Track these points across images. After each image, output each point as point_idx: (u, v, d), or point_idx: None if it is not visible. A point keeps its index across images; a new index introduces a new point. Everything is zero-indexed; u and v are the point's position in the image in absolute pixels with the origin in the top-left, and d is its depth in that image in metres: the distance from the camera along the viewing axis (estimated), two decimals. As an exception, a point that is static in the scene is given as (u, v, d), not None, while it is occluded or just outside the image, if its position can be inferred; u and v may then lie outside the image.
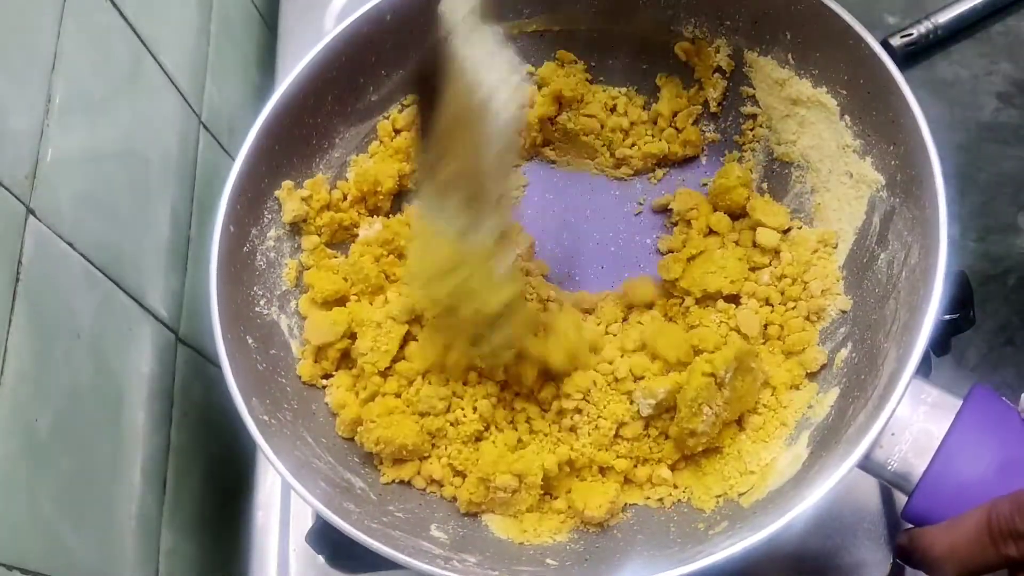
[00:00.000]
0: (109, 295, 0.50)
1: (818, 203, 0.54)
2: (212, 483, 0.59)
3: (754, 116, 0.57)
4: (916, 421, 0.41)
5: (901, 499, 0.53)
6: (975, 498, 0.38)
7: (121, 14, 0.54)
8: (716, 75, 0.57)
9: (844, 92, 0.51)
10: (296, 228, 0.55)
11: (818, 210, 0.54)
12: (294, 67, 0.52)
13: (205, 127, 0.64)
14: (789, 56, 0.53)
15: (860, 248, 0.51)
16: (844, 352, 0.49)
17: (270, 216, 0.53)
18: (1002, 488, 0.37)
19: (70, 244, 0.46)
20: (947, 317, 0.52)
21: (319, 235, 0.55)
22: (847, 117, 0.51)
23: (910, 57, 0.72)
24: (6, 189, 0.41)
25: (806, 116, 0.53)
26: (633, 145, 0.59)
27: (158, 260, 0.56)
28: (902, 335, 0.43)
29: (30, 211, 0.43)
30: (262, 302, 0.52)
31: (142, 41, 0.56)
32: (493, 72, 0.39)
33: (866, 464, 0.41)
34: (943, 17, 0.72)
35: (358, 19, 0.53)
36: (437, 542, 0.47)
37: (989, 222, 0.67)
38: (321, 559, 0.54)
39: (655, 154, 0.58)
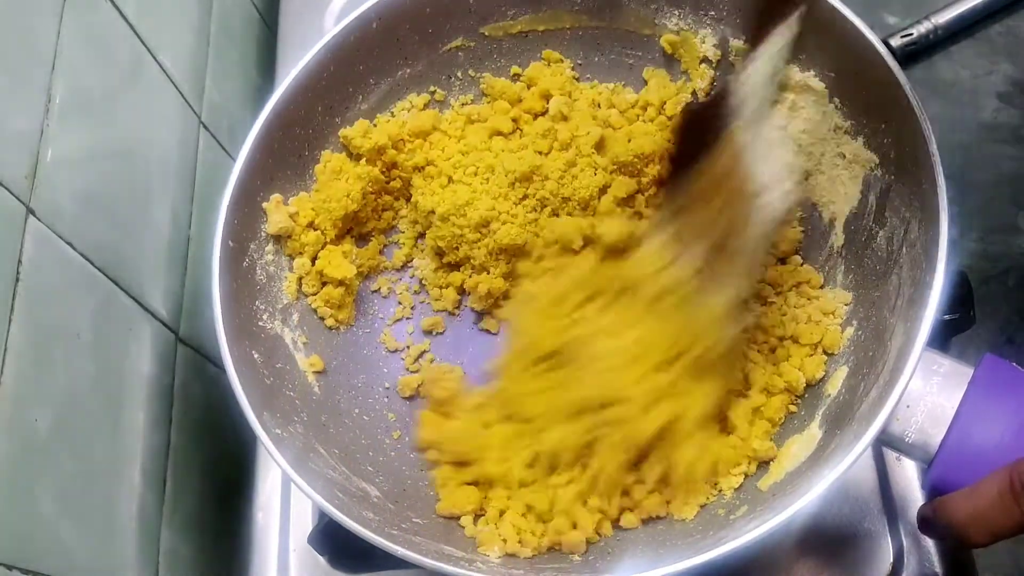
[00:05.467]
0: (109, 295, 0.50)
1: (812, 186, 0.54)
2: (212, 483, 0.59)
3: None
4: (930, 392, 0.41)
5: (906, 473, 0.54)
6: (994, 463, 0.38)
7: (121, 14, 0.54)
8: (703, 66, 0.57)
9: (832, 74, 0.51)
10: (281, 241, 0.54)
11: (813, 193, 0.54)
12: (291, 71, 0.52)
13: (205, 127, 0.64)
14: None
15: (858, 227, 0.51)
16: (850, 331, 0.49)
17: (267, 230, 0.53)
18: (1020, 451, 0.38)
19: (70, 244, 0.46)
20: (947, 317, 0.51)
21: (303, 253, 0.55)
22: (836, 99, 0.51)
23: (910, 57, 0.72)
24: (6, 189, 0.41)
25: (795, 100, 0.54)
26: (629, 140, 0.58)
27: (158, 260, 0.56)
28: (908, 309, 0.43)
29: (30, 211, 0.43)
30: (265, 316, 0.52)
31: (142, 41, 0.56)
32: (768, 169, 0.42)
33: (883, 438, 0.41)
34: (943, 17, 0.72)
35: (345, 27, 0.53)
36: (458, 545, 0.47)
37: (989, 222, 0.67)
38: (321, 559, 0.54)
39: (647, 154, 0.57)
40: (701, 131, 0.45)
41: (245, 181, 0.51)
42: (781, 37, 0.42)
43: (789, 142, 0.43)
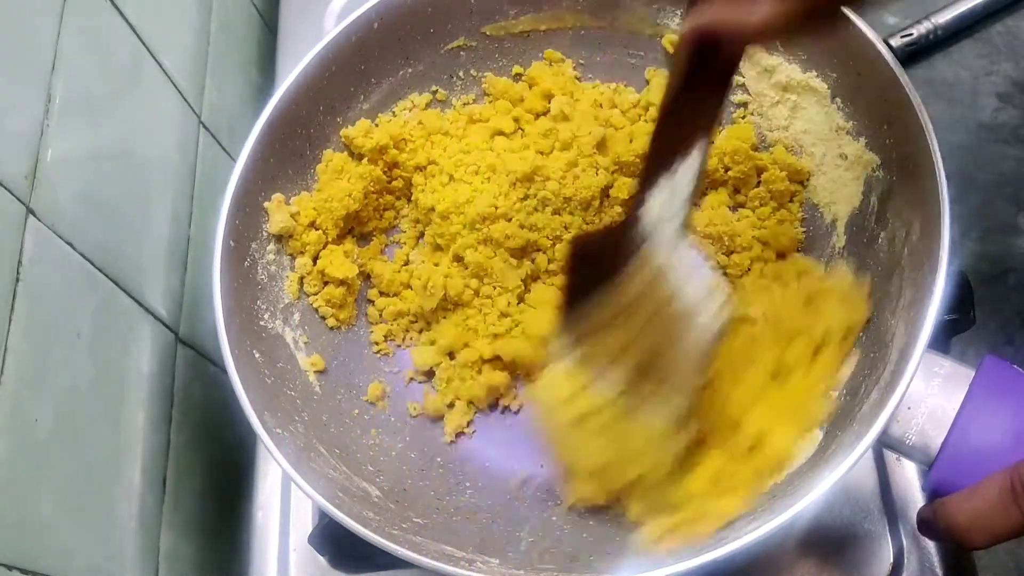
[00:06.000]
0: (109, 295, 0.50)
1: (814, 186, 0.54)
2: (212, 483, 0.59)
3: (745, 104, 0.57)
4: (931, 394, 0.41)
5: (907, 474, 0.54)
6: (994, 465, 0.38)
7: (121, 14, 0.54)
8: None
9: (834, 75, 0.51)
10: (283, 241, 0.55)
11: (814, 193, 0.54)
12: (292, 70, 0.52)
13: (205, 127, 0.64)
14: (777, 42, 0.53)
15: (859, 229, 0.51)
16: None
17: (268, 230, 0.53)
18: (1020, 453, 0.38)
19: (70, 244, 0.46)
20: (947, 317, 0.52)
21: (304, 253, 0.55)
22: (838, 100, 0.51)
23: (910, 57, 0.72)
24: (6, 189, 0.41)
25: (797, 101, 0.54)
26: (631, 140, 0.58)
27: (158, 260, 0.56)
28: (909, 311, 0.43)
29: (30, 211, 0.43)
30: (266, 316, 0.52)
31: (142, 41, 0.56)
32: (694, 289, 0.42)
33: (884, 440, 0.41)
34: (943, 17, 0.72)
35: (346, 27, 0.53)
36: (459, 544, 0.47)
37: (989, 222, 0.67)
38: (321, 559, 0.54)
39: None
40: (599, 258, 0.44)
41: (246, 180, 0.51)
42: (688, 168, 0.41)
43: (709, 262, 0.43)
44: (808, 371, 0.48)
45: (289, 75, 0.52)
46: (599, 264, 0.44)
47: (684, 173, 0.41)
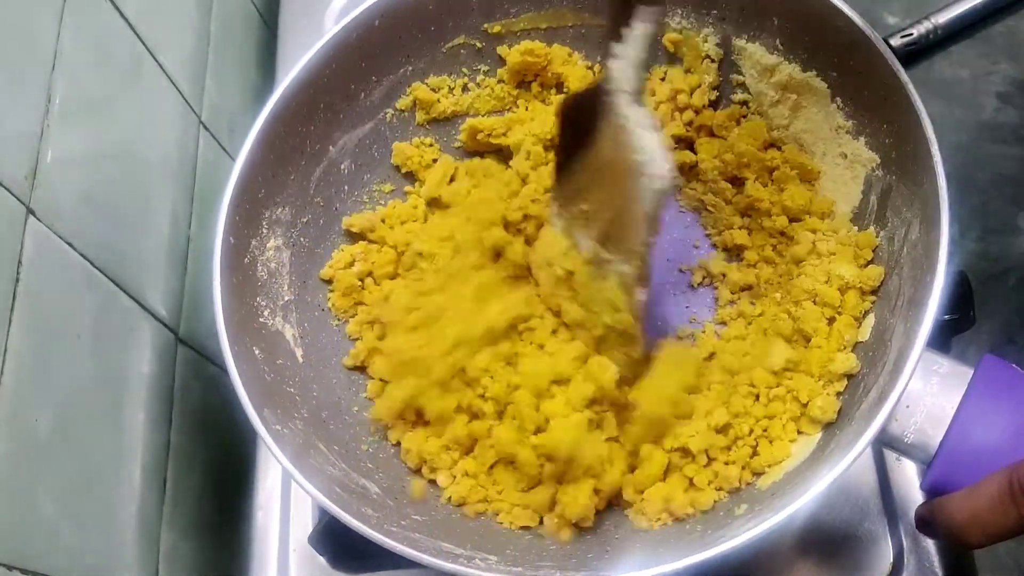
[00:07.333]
0: (109, 295, 0.50)
1: (814, 186, 0.54)
2: (212, 483, 0.59)
3: (745, 102, 0.57)
4: (929, 393, 0.41)
5: (907, 474, 0.54)
6: (992, 464, 0.38)
7: (121, 14, 0.54)
8: (705, 62, 0.57)
9: (834, 74, 0.51)
10: (282, 236, 0.55)
11: (814, 192, 0.54)
12: (292, 68, 0.52)
13: (205, 127, 0.64)
14: (777, 41, 0.53)
15: (859, 228, 0.51)
16: None
17: (268, 227, 0.53)
18: (1019, 453, 0.38)
19: (70, 244, 0.46)
20: (947, 317, 0.52)
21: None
22: (838, 99, 0.51)
23: (910, 57, 0.72)
24: (6, 189, 0.41)
25: (797, 100, 0.54)
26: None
27: (158, 260, 0.56)
28: (908, 309, 0.43)
29: (30, 211, 0.43)
30: (266, 312, 0.52)
31: (142, 41, 0.56)
32: (646, 149, 0.44)
33: (882, 438, 0.41)
34: (943, 17, 0.72)
35: (348, 25, 0.53)
36: (458, 541, 0.47)
37: (989, 222, 0.67)
38: (321, 559, 0.54)
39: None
40: (581, 119, 0.47)
41: (247, 175, 0.50)
42: (643, 25, 0.43)
43: (659, 128, 0.45)
44: (827, 335, 0.49)
45: (291, 71, 0.52)
46: (582, 127, 0.47)
47: (632, 41, 0.43)
